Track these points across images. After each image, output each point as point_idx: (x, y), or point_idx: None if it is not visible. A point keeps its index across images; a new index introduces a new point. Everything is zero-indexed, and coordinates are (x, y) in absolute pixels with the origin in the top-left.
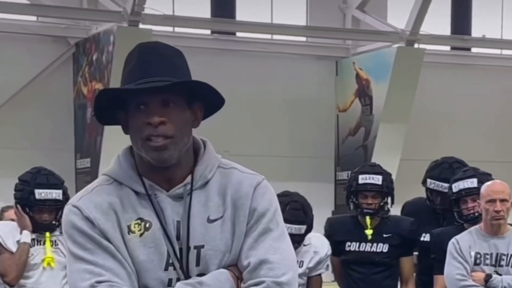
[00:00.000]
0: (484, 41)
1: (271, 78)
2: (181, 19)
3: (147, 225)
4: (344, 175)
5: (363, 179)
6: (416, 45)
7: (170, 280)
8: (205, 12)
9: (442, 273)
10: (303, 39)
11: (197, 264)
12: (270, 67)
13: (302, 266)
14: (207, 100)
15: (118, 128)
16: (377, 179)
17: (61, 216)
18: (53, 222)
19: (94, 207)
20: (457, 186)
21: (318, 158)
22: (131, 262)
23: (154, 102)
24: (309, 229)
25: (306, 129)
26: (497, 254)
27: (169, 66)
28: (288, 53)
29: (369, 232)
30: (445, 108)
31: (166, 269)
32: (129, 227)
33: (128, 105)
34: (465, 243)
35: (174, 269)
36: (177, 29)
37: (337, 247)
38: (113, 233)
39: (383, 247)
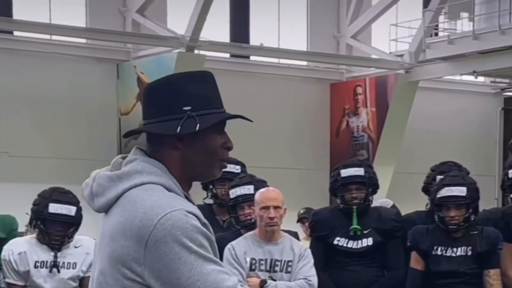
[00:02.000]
0: (262, 50)
1: (51, 79)
2: None
3: None
4: None
5: None
6: (196, 51)
7: None
8: None
9: None
10: (83, 40)
11: None
12: (50, 68)
13: (75, 267)
14: None
15: None
16: None
17: None
18: None
19: (200, 215)
20: (234, 193)
21: (101, 161)
22: None
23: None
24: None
25: (88, 132)
26: (272, 260)
27: None
28: (68, 54)
29: None
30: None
31: None
32: None
33: (206, 127)
34: (240, 249)
35: None
36: None
37: None
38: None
39: None
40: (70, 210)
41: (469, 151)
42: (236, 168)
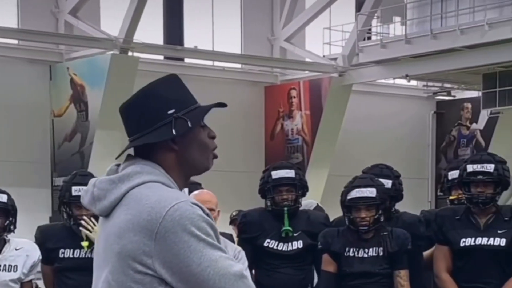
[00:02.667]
0: (196, 52)
1: None
2: None
3: None
4: (61, 181)
5: (76, 191)
6: (130, 53)
7: None
8: None
9: None
10: (15, 41)
11: None
12: None
13: (16, 270)
14: None
15: None
16: None
17: None
18: None
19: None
20: None
21: (34, 163)
22: None
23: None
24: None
25: (22, 133)
26: None
27: None
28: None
29: (84, 244)
30: None
31: None
32: None
33: (197, 121)
34: None
35: None
36: None
37: (50, 255)
38: None
39: None
40: (2, 197)
41: (403, 154)
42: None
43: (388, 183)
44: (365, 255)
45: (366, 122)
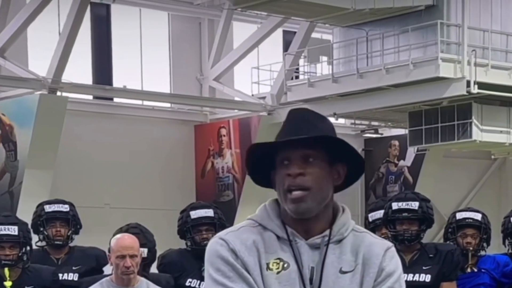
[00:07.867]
0: (125, 92)
1: None
2: None
3: (285, 265)
4: None
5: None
6: (58, 93)
7: None
8: None
9: None
10: None
11: None
12: None
13: None
14: (349, 162)
15: None
16: (13, 230)
17: None
18: None
19: (240, 242)
20: None
21: None
22: None
23: (296, 156)
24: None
25: None
26: None
27: (311, 127)
28: None
29: (8, 284)
30: (89, 156)
31: None
32: (268, 264)
33: (275, 163)
34: None
35: None
36: None
37: None
38: (253, 267)
39: None
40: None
41: None
42: (65, 207)
43: None
44: None
45: None
